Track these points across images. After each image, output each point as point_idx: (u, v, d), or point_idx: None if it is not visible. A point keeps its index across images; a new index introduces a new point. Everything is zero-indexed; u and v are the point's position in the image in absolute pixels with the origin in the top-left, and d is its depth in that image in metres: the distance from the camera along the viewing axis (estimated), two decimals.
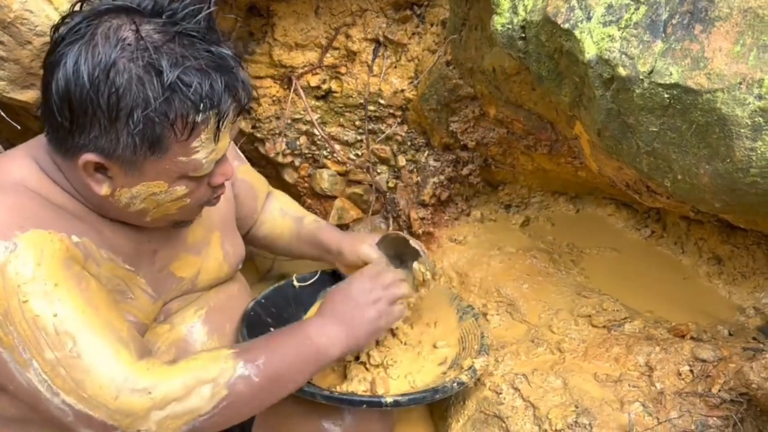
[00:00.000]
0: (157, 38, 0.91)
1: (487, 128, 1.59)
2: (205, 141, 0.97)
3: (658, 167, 1.02)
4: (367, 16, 1.68)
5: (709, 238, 1.49)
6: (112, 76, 0.89)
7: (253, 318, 1.33)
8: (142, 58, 0.89)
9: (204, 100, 0.92)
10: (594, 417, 1.13)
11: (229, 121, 0.98)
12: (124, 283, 1.07)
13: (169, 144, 0.94)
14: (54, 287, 0.91)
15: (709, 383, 1.14)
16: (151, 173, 0.97)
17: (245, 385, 0.99)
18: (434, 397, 1.18)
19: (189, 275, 1.21)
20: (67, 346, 0.90)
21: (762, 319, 1.35)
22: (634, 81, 0.95)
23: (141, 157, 0.94)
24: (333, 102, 1.79)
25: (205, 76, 0.92)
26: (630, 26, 0.97)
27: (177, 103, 0.91)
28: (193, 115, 0.93)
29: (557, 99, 1.18)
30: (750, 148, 0.88)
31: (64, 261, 0.93)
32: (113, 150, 0.93)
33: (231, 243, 1.30)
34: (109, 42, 0.89)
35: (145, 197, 1.00)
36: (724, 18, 0.90)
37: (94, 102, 0.89)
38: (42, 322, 0.89)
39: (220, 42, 0.96)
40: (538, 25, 1.10)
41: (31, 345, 0.89)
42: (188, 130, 0.94)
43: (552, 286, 1.51)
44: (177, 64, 0.90)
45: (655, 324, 1.35)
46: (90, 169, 0.95)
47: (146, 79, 0.90)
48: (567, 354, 1.30)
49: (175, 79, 0.90)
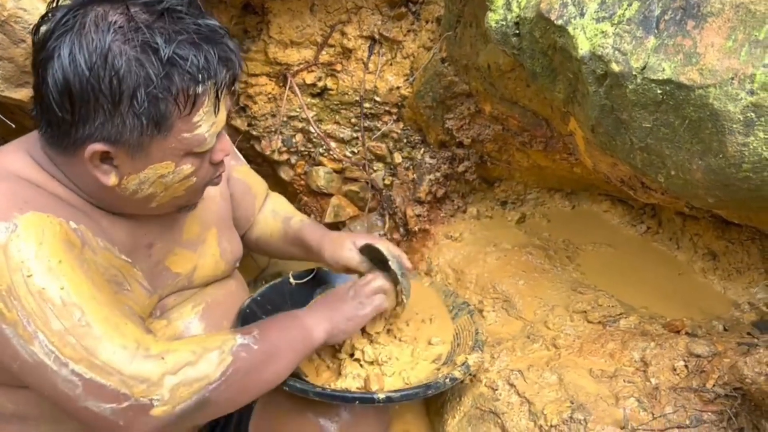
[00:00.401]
0: (146, 18, 0.92)
1: (483, 125, 1.59)
2: (205, 114, 0.98)
3: (652, 163, 1.03)
4: (363, 14, 1.68)
5: (704, 233, 1.49)
6: (110, 60, 0.89)
7: (249, 315, 1.34)
8: (135, 38, 0.90)
9: (201, 71, 0.93)
10: (589, 412, 1.13)
11: (227, 92, 1.00)
12: (121, 274, 1.07)
13: (173, 120, 0.95)
14: (58, 264, 0.90)
15: (703, 378, 1.14)
16: (158, 154, 0.98)
17: (247, 352, 1.02)
18: (427, 393, 1.18)
19: (185, 271, 1.21)
20: (75, 316, 0.89)
21: (757, 314, 1.35)
22: (627, 77, 0.95)
23: (147, 138, 0.95)
24: (329, 99, 1.79)
25: (199, 49, 0.93)
26: (623, 22, 0.97)
27: (177, 77, 0.92)
28: (194, 87, 0.94)
29: (551, 95, 1.18)
30: (742, 144, 0.88)
31: (65, 242, 0.93)
32: (119, 135, 0.94)
33: (228, 240, 1.31)
34: (100, 28, 0.90)
35: (154, 181, 1.01)
36: (716, 13, 0.90)
37: (95, 89, 0.90)
38: (48, 294, 0.88)
39: (204, 14, 0.98)
40: (532, 21, 1.10)
41: (37, 317, 0.87)
42: (190, 104, 0.95)
43: (548, 282, 1.51)
44: (171, 39, 0.91)
45: (650, 319, 1.35)
46: (96, 159, 0.96)
47: (144, 58, 0.90)
48: (562, 350, 1.30)
49: (171, 54, 0.91)
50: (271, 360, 1.06)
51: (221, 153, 1.07)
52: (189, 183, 1.05)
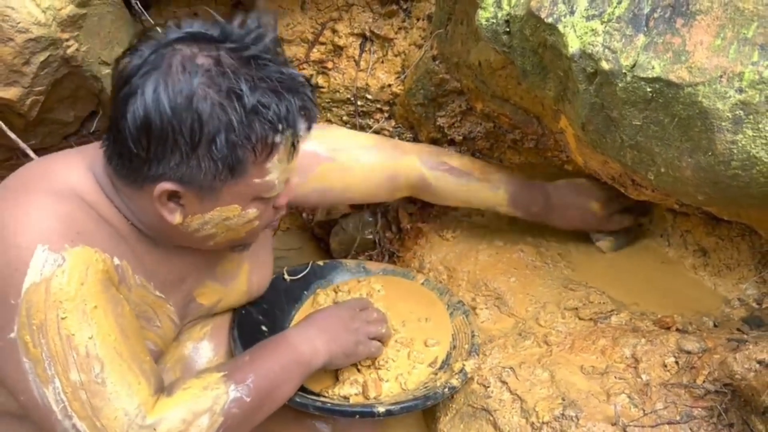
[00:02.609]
0: (233, 63, 0.92)
1: (474, 122, 1.59)
2: (279, 161, 0.98)
3: (642, 160, 1.03)
4: (354, 11, 1.68)
5: (694, 230, 1.50)
6: (195, 102, 0.90)
7: (244, 317, 1.33)
8: (221, 83, 0.91)
9: (282, 121, 0.94)
10: (580, 409, 1.14)
11: (303, 140, 1.01)
12: (153, 310, 1.08)
13: (246, 167, 0.96)
14: (93, 309, 0.91)
15: (693, 374, 1.15)
16: (226, 198, 0.98)
17: (239, 407, 1.00)
18: (426, 404, 1.19)
19: (210, 303, 1.22)
20: (94, 371, 0.90)
21: (746, 310, 1.36)
22: (617, 75, 0.96)
23: (220, 182, 0.96)
24: (320, 97, 1.78)
25: (281, 98, 0.94)
26: (613, 20, 0.97)
27: (258, 125, 0.92)
28: (272, 137, 0.94)
29: (542, 93, 1.18)
30: (731, 141, 0.89)
31: (104, 283, 0.94)
32: (192, 177, 0.94)
33: (258, 274, 1.31)
34: (187, 69, 0.90)
35: (218, 222, 1.01)
36: (705, 11, 0.90)
37: (176, 129, 0.90)
38: (76, 342, 0.89)
39: (287, 63, 0.99)
40: (522, 19, 1.10)
41: (59, 362, 0.88)
42: (267, 151, 0.95)
43: (539, 280, 1.51)
44: (255, 87, 0.92)
45: (641, 316, 1.36)
46: (164, 198, 0.96)
47: (227, 104, 0.91)
48: (554, 347, 1.30)
49: (255, 102, 0.91)
50: (266, 405, 1.06)
51: (285, 198, 1.07)
52: (251, 226, 1.05)
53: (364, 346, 1.23)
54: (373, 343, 1.26)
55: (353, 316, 1.25)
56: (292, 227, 2.13)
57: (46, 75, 1.33)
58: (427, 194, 1.48)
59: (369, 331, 1.25)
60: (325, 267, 1.55)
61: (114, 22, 1.45)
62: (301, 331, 1.17)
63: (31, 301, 0.88)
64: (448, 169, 1.44)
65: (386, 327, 1.30)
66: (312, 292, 1.50)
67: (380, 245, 1.81)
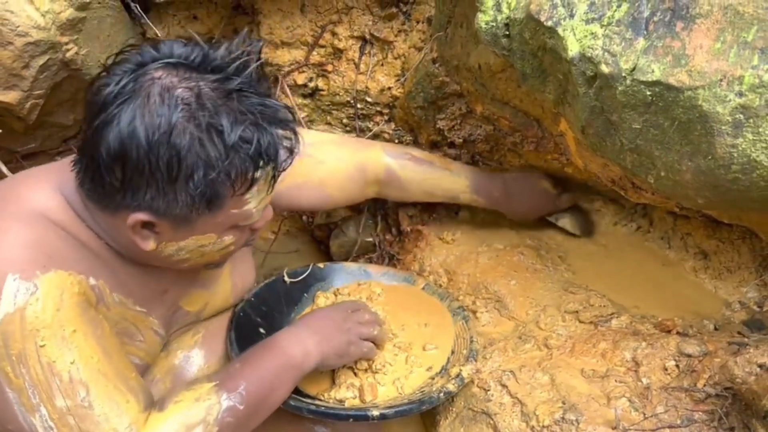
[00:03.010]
0: (214, 96, 0.90)
1: (474, 125, 1.59)
2: (258, 192, 0.97)
3: (642, 164, 1.03)
4: (353, 14, 1.68)
5: (695, 232, 1.50)
6: (174, 138, 0.87)
7: (243, 319, 1.33)
8: (201, 118, 0.88)
9: (263, 155, 0.92)
10: (581, 413, 1.13)
11: (283, 170, 1.00)
12: (134, 326, 1.07)
13: (225, 201, 0.95)
14: (72, 333, 0.90)
15: (694, 378, 1.14)
16: (202, 228, 0.97)
17: (233, 416, 1.00)
18: (420, 409, 1.19)
19: (197, 309, 1.22)
20: (80, 395, 0.89)
21: (747, 313, 1.35)
22: (616, 78, 0.96)
23: (196, 214, 0.94)
24: (320, 100, 1.78)
25: (263, 131, 0.92)
26: (612, 24, 0.97)
27: (238, 161, 0.91)
28: (252, 172, 0.93)
29: (542, 96, 1.18)
30: (731, 145, 0.89)
31: (81, 305, 0.93)
32: (167, 209, 0.93)
33: (241, 275, 1.30)
34: (166, 102, 0.88)
35: (192, 249, 1.00)
36: (705, 15, 0.90)
37: (152, 164, 0.88)
38: (57, 368, 0.88)
39: (270, 93, 0.97)
40: (522, 22, 1.10)
41: (43, 390, 0.88)
42: (246, 185, 0.94)
43: (539, 282, 1.51)
44: (236, 121, 0.90)
45: (641, 319, 1.36)
46: (138, 227, 0.95)
47: (207, 140, 0.89)
48: (554, 350, 1.30)
49: (236, 139, 0.89)
50: (260, 411, 1.06)
51: (263, 221, 1.06)
52: (227, 251, 1.05)
53: (356, 346, 1.23)
54: (365, 344, 1.25)
55: (345, 317, 1.25)
56: (292, 230, 2.13)
57: (45, 78, 1.33)
58: (393, 187, 1.48)
59: (361, 332, 1.24)
60: (325, 269, 1.54)
61: (113, 26, 1.45)
62: (292, 334, 1.16)
63: (7, 332, 0.86)
64: (411, 158, 1.49)
65: (379, 329, 1.29)
66: (312, 295, 1.49)
67: (380, 248, 1.81)
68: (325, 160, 1.40)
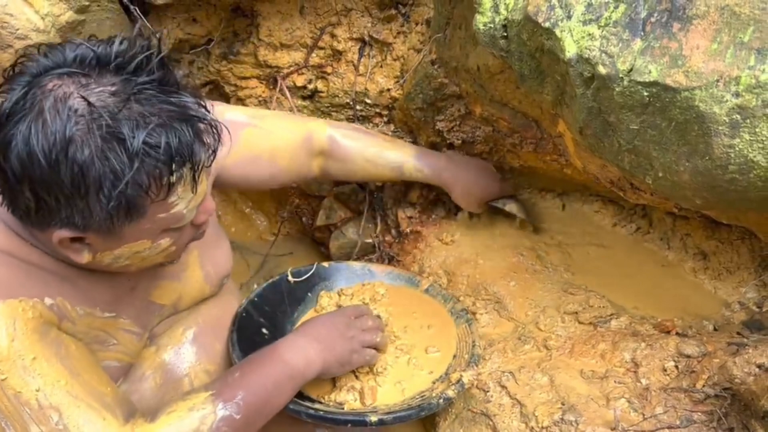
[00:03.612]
0: (111, 102, 0.83)
1: (473, 127, 1.59)
2: (182, 193, 0.92)
3: (640, 165, 1.03)
4: (352, 16, 1.68)
5: (694, 233, 1.49)
6: (72, 153, 0.81)
7: (245, 319, 1.32)
8: (99, 128, 0.82)
9: (175, 157, 0.86)
10: (580, 413, 1.13)
11: (205, 168, 0.93)
12: (104, 332, 1.05)
13: (146, 207, 0.89)
14: (32, 361, 0.88)
15: (693, 378, 1.14)
16: (132, 235, 0.93)
17: (229, 425, 0.98)
18: (420, 414, 1.18)
19: (170, 301, 1.19)
20: (53, 420, 0.88)
21: (747, 313, 1.35)
22: (614, 79, 0.96)
23: (119, 225, 0.89)
24: (319, 102, 1.78)
25: (171, 131, 0.85)
26: (609, 25, 0.97)
27: (147, 168, 0.85)
28: (167, 176, 0.87)
29: (540, 97, 1.18)
30: (728, 146, 0.89)
31: (38, 330, 0.90)
32: (87, 223, 0.88)
33: (212, 262, 1.26)
34: (60, 116, 0.81)
35: (129, 256, 0.96)
36: (702, 16, 0.90)
37: (57, 182, 0.83)
38: (24, 398, 0.87)
39: (179, 87, 0.89)
40: (520, 23, 1.10)
41: (16, 421, 0.87)
42: (164, 191, 0.89)
43: (539, 283, 1.51)
44: (139, 126, 0.83)
45: (641, 320, 1.36)
46: (66, 242, 0.91)
47: (109, 150, 0.82)
48: (554, 351, 1.30)
49: (140, 144, 0.83)
50: (257, 420, 1.04)
51: (204, 216, 1.02)
52: (168, 252, 1.01)
53: (359, 354, 1.22)
54: (369, 351, 1.24)
55: (348, 324, 1.23)
56: (292, 232, 2.13)
57: None
58: (336, 158, 1.44)
59: (364, 340, 1.23)
60: (329, 269, 1.53)
61: (113, 28, 1.45)
62: (294, 342, 1.14)
63: None
64: (354, 129, 1.50)
65: (382, 335, 1.28)
66: (316, 295, 1.49)
67: (380, 249, 1.81)
68: (273, 131, 1.35)
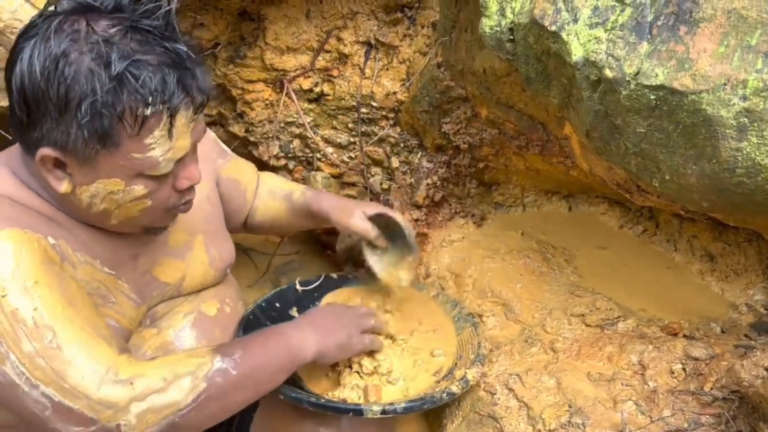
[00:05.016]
0: (111, 32, 0.91)
1: (479, 129, 1.60)
2: (159, 138, 0.95)
3: (647, 168, 1.03)
4: (358, 19, 1.69)
5: (701, 235, 1.49)
6: (62, 66, 0.89)
7: (252, 321, 1.34)
8: (91, 50, 0.89)
9: (153, 93, 0.91)
10: (587, 416, 1.13)
11: (186, 119, 0.97)
12: (105, 287, 1.06)
13: (120, 138, 0.93)
14: (34, 284, 0.91)
15: (701, 381, 1.14)
16: (105, 169, 0.96)
17: (223, 377, 1.00)
18: (422, 407, 1.18)
19: (173, 280, 1.21)
20: (47, 338, 0.89)
21: (754, 316, 1.35)
22: (620, 83, 0.96)
23: (93, 150, 0.93)
24: (325, 105, 1.79)
25: (157, 71, 0.91)
26: (616, 28, 0.97)
27: (125, 95, 0.90)
28: (142, 109, 0.91)
29: (546, 100, 1.19)
30: (735, 149, 0.89)
31: (43, 261, 0.94)
32: (66, 143, 0.92)
33: (217, 247, 1.29)
34: (61, 34, 0.89)
35: (104, 196, 0.99)
36: (709, 19, 0.90)
37: (45, 93, 0.89)
38: (21, 315, 0.89)
39: (178, 39, 0.96)
40: (526, 27, 1.10)
41: (9, 337, 0.88)
42: (138, 124, 0.92)
43: (546, 286, 1.51)
44: (126, 56, 0.90)
45: (648, 322, 1.36)
46: (48, 164, 0.95)
47: (95, 71, 0.89)
48: (560, 353, 1.30)
49: (122, 71, 0.89)
50: (251, 384, 1.06)
51: (186, 181, 1.04)
52: (143, 205, 1.02)
53: (358, 338, 1.26)
54: (367, 336, 1.28)
55: (344, 311, 1.30)
56: (298, 235, 2.14)
57: None
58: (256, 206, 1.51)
59: (360, 324, 1.28)
60: (338, 280, 1.56)
61: None
62: (294, 324, 1.20)
63: None
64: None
65: (377, 319, 1.33)
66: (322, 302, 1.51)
67: None
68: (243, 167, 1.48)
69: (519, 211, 1.79)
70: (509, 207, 1.80)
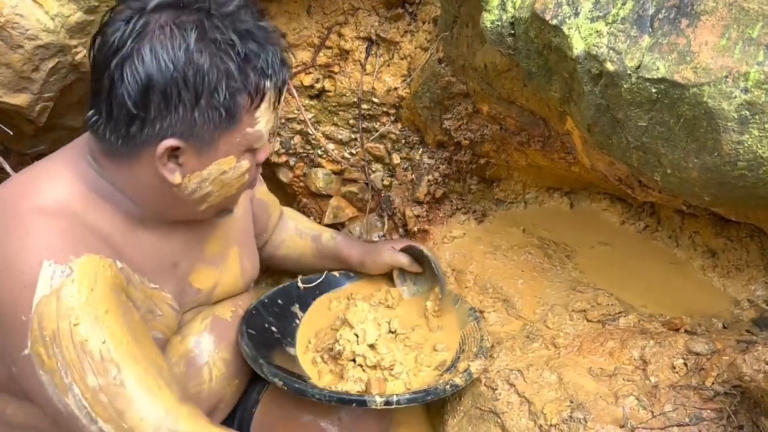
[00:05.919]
0: (218, 19, 0.97)
1: (481, 125, 1.59)
2: (264, 111, 1.02)
3: (648, 162, 1.03)
4: (359, 15, 1.69)
5: (703, 231, 1.49)
6: (194, 57, 0.93)
7: (254, 317, 1.35)
8: (214, 36, 0.95)
9: (270, 67, 1.00)
10: (589, 411, 1.13)
11: (284, 91, 1.07)
12: (153, 302, 1.08)
13: (241, 115, 0.99)
14: (105, 314, 0.92)
15: (702, 376, 1.14)
16: (223, 148, 1.01)
17: None
18: (426, 399, 1.19)
19: (206, 287, 1.23)
20: (111, 374, 0.90)
21: (756, 311, 1.35)
22: (621, 76, 0.96)
23: (218, 132, 0.99)
24: (326, 101, 1.79)
25: (264, 48, 0.99)
26: (617, 21, 0.97)
27: (251, 72, 0.98)
28: (264, 82, 0.99)
29: (548, 95, 1.18)
30: (737, 142, 0.88)
31: (114, 289, 0.96)
32: (193, 131, 0.97)
33: (249, 258, 1.33)
34: (179, 29, 0.94)
35: (215, 178, 1.03)
36: (710, 12, 0.90)
37: (179, 84, 0.93)
38: (89, 347, 0.90)
39: (260, 18, 1.03)
40: (527, 21, 1.10)
41: (75, 369, 0.89)
42: (259, 98, 1.00)
43: (547, 282, 1.51)
44: (242, 37, 0.97)
45: (649, 318, 1.36)
46: (165, 157, 0.98)
47: (224, 54, 0.95)
48: (562, 349, 1.30)
49: (247, 51, 0.97)
50: None
51: (264, 154, 1.11)
52: (243, 180, 1.08)
53: None
54: None
55: None
56: None
57: (55, 81, 1.34)
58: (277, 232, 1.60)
59: None
60: (339, 278, 1.57)
61: None
62: None
63: (43, 314, 0.88)
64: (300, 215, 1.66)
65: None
66: (323, 299, 1.52)
67: None
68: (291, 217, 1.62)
69: (520, 208, 1.79)
70: (510, 203, 1.79)
